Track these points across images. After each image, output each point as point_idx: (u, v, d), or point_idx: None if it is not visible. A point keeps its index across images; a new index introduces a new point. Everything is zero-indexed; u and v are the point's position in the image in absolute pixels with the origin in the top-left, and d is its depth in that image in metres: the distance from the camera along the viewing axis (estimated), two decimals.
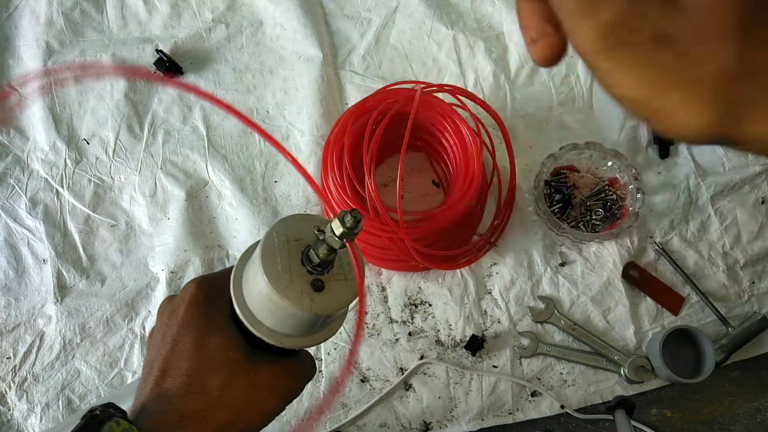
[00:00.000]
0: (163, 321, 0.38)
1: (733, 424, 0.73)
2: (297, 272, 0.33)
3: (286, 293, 0.32)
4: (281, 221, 0.34)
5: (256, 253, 0.33)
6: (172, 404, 0.34)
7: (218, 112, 0.82)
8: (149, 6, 0.85)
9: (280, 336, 0.35)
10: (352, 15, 0.86)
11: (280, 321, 0.34)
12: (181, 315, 0.37)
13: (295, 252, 0.33)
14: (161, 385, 0.35)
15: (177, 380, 0.35)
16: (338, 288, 0.34)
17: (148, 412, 0.33)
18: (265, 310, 0.34)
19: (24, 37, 0.82)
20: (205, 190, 0.79)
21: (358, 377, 0.73)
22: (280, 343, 0.35)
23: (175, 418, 0.33)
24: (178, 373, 0.35)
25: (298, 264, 0.33)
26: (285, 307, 0.32)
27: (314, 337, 0.37)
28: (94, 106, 0.80)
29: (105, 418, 0.31)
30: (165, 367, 0.36)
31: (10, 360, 0.72)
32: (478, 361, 0.74)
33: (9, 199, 0.77)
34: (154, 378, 0.35)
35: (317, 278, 0.33)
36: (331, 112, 0.81)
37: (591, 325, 0.76)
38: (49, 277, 0.74)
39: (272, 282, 0.32)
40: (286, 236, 0.34)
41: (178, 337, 0.36)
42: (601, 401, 0.74)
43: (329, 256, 0.32)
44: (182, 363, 0.35)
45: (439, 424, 0.72)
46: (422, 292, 0.76)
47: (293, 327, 0.35)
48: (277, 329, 0.35)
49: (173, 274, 0.75)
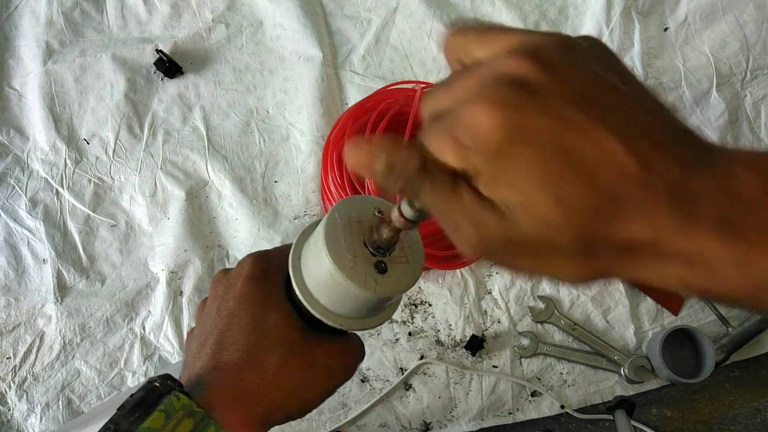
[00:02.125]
0: (218, 293, 0.37)
1: (733, 424, 0.73)
2: (361, 253, 0.32)
3: (350, 274, 0.31)
4: (343, 201, 0.34)
5: (318, 232, 0.33)
6: (229, 379, 0.33)
7: (218, 112, 0.82)
8: (149, 6, 0.85)
9: (337, 317, 0.35)
10: (352, 15, 0.86)
11: (339, 302, 0.34)
12: (238, 289, 0.36)
13: (358, 233, 0.33)
14: (218, 359, 0.34)
15: (234, 354, 0.34)
16: (400, 271, 0.33)
17: (204, 385, 0.33)
18: (325, 290, 0.34)
19: (24, 37, 0.82)
20: (205, 190, 0.79)
21: (358, 377, 0.73)
22: (338, 324, 0.35)
23: (232, 393, 0.33)
24: (234, 348, 0.34)
25: (361, 245, 0.33)
26: (348, 288, 0.32)
27: (370, 320, 0.36)
28: (94, 106, 0.80)
29: (165, 391, 0.31)
30: (221, 341, 0.35)
31: (10, 360, 0.72)
32: (478, 361, 0.74)
33: (9, 199, 0.77)
34: (210, 350, 0.35)
35: (380, 260, 0.33)
36: (331, 112, 0.81)
37: (591, 325, 0.76)
38: (49, 277, 0.74)
39: (337, 263, 0.31)
40: (348, 217, 0.33)
41: (235, 311, 0.36)
42: (601, 401, 0.74)
43: (393, 239, 0.32)
44: (239, 337, 0.35)
45: (439, 424, 0.72)
46: (422, 292, 0.76)
47: (352, 308, 0.34)
48: (334, 310, 0.35)
49: (173, 274, 0.75)
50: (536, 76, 0.21)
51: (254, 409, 0.33)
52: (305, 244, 0.36)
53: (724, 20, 0.85)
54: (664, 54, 0.85)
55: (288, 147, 0.81)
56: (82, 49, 0.82)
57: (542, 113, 0.20)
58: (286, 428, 0.71)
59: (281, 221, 0.78)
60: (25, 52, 0.82)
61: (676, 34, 0.86)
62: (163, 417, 0.29)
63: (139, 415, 0.29)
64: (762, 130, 0.84)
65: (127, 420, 0.29)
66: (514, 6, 0.86)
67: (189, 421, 0.30)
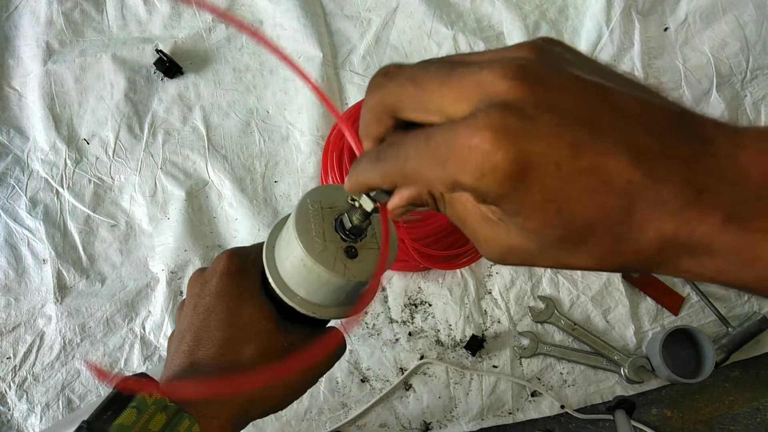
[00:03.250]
0: (195, 292, 0.38)
1: (733, 424, 0.73)
2: (331, 238, 0.33)
3: (320, 258, 0.32)
4: (314, 189, 0.34)
5: (290, 219, 0.33)
6: (205, 374, 0.33)
7: (218, 112, 0.82)
8: (149, 6, 0.85)
9: (311, 305, 0.35)
10: (352, 15, 0.86)
11: (312, 289, 0.34)
12: (213, 285, 0.37)
13: (329, 219, 0.33)
14: (194, 355, 0.34)
15: (210, 350, 0.34)
16: (371, 256, 0.33)
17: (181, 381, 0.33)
18: (298, 278, 0.34)
19: (24, 37, 0.82)
20: (205, 190, 0.79)
21: (358, 377, 0.73)
22: (312, 312, 0.35)
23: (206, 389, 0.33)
24: (211, 343, 0.35)
25: (332, 230, 0.33)
26: (319, 273, 0.32)
27: (345, 309, 0.36)
28: (94, 106, 0.80)
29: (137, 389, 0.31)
30: (198, 337, 0.35)
31: (10, 360, 0.72)
32: (478, 361, 0.74)
33: (9, 199, 0.77)
34: (187, 347, 0.35)
35: (351, 245, 0.33)
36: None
37: (591, 325, 0.76)
38: (49, 277, 0.74)
39: (306, 247, 0.32)
40: (320, 203, 0.33)
41: (211, 307, 0.36)
42: (601, 401, 0.74)
43: (363, 223, 0.32)
44: (215, 333, 0.35)
45: (439, 424, 0.72)
46: (422, 292, 0.76)
47: (325, 295, 0.34)
48: (308, 299, 0.35)
49: (173, 274, 0.75)
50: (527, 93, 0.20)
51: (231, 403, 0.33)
52: (279, 235, 0.36)
53: (724, 20, 0.85)
54: (664, 54, 0.85)
55: (288, 147, 0.81)
56: (82, 49, 0.82)
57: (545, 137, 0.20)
58: (286, 428, 0.71)
59: None
60: (25, 52, 0.82)
61: (676, 34, 0.86)
62: (135, 413, 0.29)
63: (112, 413, 0.29)
64: None
65: (100, 419, 0.29)
66: (514, 6, 0.86)
67: (161, 415, 0.30)
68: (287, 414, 0.71)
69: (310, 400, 0.72)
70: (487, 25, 0.87)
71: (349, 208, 0.33)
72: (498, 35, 0.86)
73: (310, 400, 0.72)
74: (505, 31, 0.86)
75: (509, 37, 0.85)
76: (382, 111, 0.25)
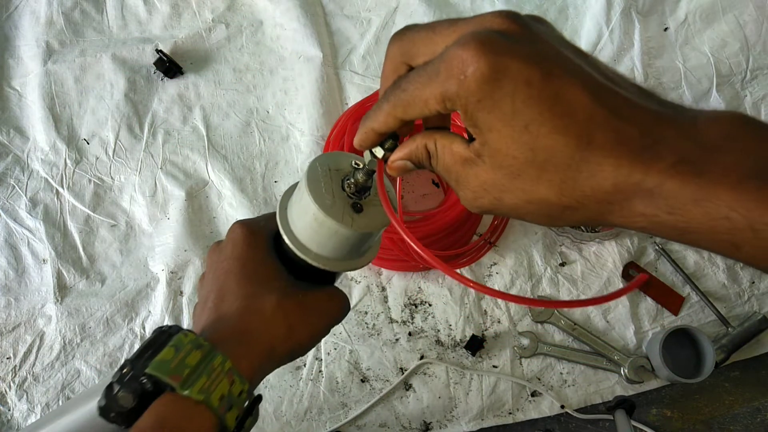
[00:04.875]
0: (214, 260, 0.41)
1: (733, 424, 0.73)
2: (339, 195, 0.37)
3: (330, 212, 0.35)
4: (323, 155, 0.38)
5: (302, 180, 0.37)
6: (232, 322, 0.37)
7: (218, 112, 0.82)
8: (149, 6, 0.85)
9: (321, 258, 0.38)
10: (352, 15, 0.86)
11: (323, 243, 0.38)
12: (230, 250, 0.40)
13: (336, 179, 0.37)
14: (220, 310, 0.38)
15: (234, 303, 0.38)
16: (375, 211, 0.37)
17: (209, 331, 0.36)
18: (309, 233, 0.38)
19: (24, 37, 0.82)
20: (205, 190, 0.79)
21: (358, 377, 0.73)
22: (322, 264, 0.38)
23: (234, 333, 0.36)
24: (234, 298, 0.38)
25: (339, 189, 0.37)
26: (329, 226, 0.36)
27: (352, 262, 0.40)
28: (94, 106, 0.80)
29: (173, 332, 0.34)
30: (221, 295, 0.38)
31: (10, 360, 0.72)
32: (478, 361, 0.74)
33: (9, 199, 0.77)
34: (212, 304, 0.38)
35: (356, 202, 0.37)
36: (331, 112, 0.81)
37: (591, 325, 0.76)
38: (49, 277, 0.74)
39: (318, 202, 0.35)
40: (328, 166, 0.37)
41: (230, 269, 0.39)
42: (601, 401, 0.74)
43: (367, 182, 0.36)
44: (237, 289, 0.38)
45: (439, 424, 0.72)
46: (422, 292, 0.76)
47: (334, 248, 0.38)
48: (318, 252, 0.38)
49: (173, 274, 0.75)
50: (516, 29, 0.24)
51: (257, 343, 0.36)
52: (290, 197, 0.40)
53: (724, 20, 0.85)
54: (664, 54, 0.85)
55: (288, 147, 0.81)
56: (82, 49, 0.82)
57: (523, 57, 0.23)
58: (286, 428, 0.71)
59: None
60: (25, 52, 0.82)
61: (676, 34, 0.86)
62: (173, 351, 0.32)
63: (152, 351, 0.32)
64: None
65: (142, 357, 0.32)
66: (514, 6, 0.86)
67: (197, 352, 0.33)
68: (287, 414, 0.71)
69: (310, 400, 0.72)
70: None
71: (354, 169, 0.37)
72: None
73: (310, 400, 0.72)
74: None
75: None
76: (399, 59, 0.29)
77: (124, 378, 0.32)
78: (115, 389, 0.31)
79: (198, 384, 0.32)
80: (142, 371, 0.31)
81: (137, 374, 0.31)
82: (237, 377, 0.33)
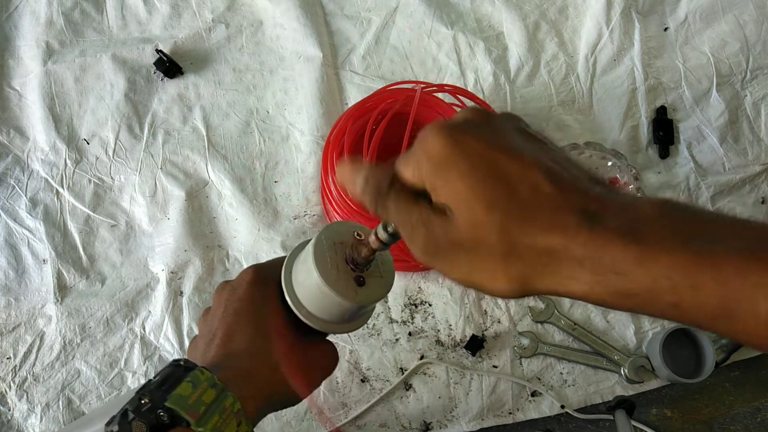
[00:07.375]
0: (223, 298, 0.43)
1: (733, 424, 0.73)
2: (343, 269, 0.39)
3: (335, 286, 0.38)
4: (328, 227, 0.40)
5: (308, 252, 0.39)
6: (240, 363, 0.38)
7: (218, 112, 0.82)
8: (149, 6, 0.85)
9: (321, 322, 0.41)
10: (352, 15, 0.86)
11: (324, 309, 0.40)
12: (242, 292, 0.42)
13: (341, 252, 0.40)
14: (228, 347, 0.40)
15: (242, 344, 0.40)
16: (376, 283, 0.40)
17: (218, 367, 0.37)
18: (312, 300, 0.40)
19: (24, 37, 0.82)
20: (205, 190, 0.79)
21: (358, 377, 0.73)
22: (322, 328, 0.41)
23: (242, 374, 0.38)
24: (243, 338, 0.40)
25: (344, 263, 0.39)
26: (333, 298, 0.38)
27: (350, 325, 0.43)
28: (94, 106, 0.80)
29: (191, 366, 0.35)
30: (229, 333, 0.40)
31: (10, 360, 0.72)
32: (478, 361, 0.74)
33: (9, 199, 0.77)
34: (220, 341, 0.40)
35: (359, 275, 0.39)
36: (331, 112, 0.81)
37: (591, 325, 0.76)
38: (49, 277, 0.74)
39: (324, 277, 0.38)
40: (333, 239, 0.40)
41: (240, 310, 0.41)
42: (601, 401, 0.74)
43: (370, 257, 0.39)
44: (246, 328, 0.40)
45: (439, 424, 0.72)
46: (422, 292, 0.76)
47: (335, 315, 0.40)
48: (320, 316, 0.41)
49: (173, 274, 0.75)
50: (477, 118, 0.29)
51: (262, 386, 0.38)
52: (295, 260, 0.42)
53: (724, 20, 0.85)
54: (664, 54, 0.85)
55: (288, 147, 0.81)
56: (82, 49, 0.82)
57: (478, 139, 0.27)
58: (286, 428, 0.71)
59: (281, 221, 0.78)
60: (25, 52, 0.82)
61: (676, 34, 0.86)
62: (190, 387, 0.34)
63: (169, 386, 0.34)
64: (762, 130, 0.84)
65: (158, 390, 0.33)
66: (514, 6, 0.86)
67: (212, 391, 0.34)
68: (287, 414, 0.71)
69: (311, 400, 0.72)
70: (487, 25, 0.87)
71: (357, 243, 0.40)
72: (498, 35, 0.86)
73: (310, 400, 0.72)
74: (505, 31, 0.86)
75: (509, 37, 0.85)
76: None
77: (141, 408, 0.32)
78: (130, 417, 0.32)
79: (211, 422, 0.33)
80: (161, 403, 0.32)
81: (156, 406, 0.32)
82: (244, 419, 0.35)
